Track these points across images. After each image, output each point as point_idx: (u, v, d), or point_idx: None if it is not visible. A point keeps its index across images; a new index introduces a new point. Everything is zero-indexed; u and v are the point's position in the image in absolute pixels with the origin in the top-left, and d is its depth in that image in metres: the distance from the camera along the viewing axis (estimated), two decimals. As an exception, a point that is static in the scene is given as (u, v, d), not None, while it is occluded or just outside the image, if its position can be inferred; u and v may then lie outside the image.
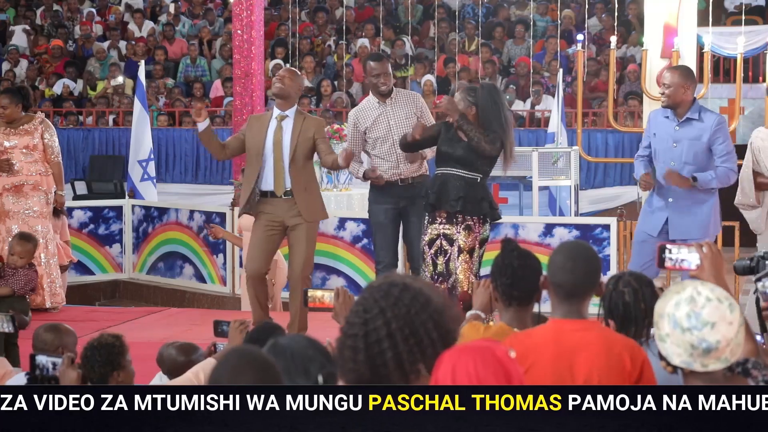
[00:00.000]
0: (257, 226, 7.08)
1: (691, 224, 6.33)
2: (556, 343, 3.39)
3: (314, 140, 6.96)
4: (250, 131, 7.10)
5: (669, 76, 6.33)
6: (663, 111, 6.48)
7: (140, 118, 10.76)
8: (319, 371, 2.80)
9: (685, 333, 2.77)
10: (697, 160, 6.34)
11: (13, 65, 16.48)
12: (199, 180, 14.37)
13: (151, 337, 7.43)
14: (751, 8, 15.06)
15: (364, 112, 7.30)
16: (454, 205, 6.39)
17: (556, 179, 10.54)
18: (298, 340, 2.89)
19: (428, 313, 2.74)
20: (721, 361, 2.78)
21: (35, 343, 4.67)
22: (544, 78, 14.52)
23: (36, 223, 8.42)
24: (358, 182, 11.56)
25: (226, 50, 15.52)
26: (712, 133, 6.32)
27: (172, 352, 4.62)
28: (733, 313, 2.78)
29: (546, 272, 3.54)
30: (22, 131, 8.42)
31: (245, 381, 2.64)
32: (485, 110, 6.42)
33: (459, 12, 15.55)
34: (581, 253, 3.52)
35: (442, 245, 6.44)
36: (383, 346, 2.71)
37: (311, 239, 7.06)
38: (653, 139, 6.48)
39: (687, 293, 2.81)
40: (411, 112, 7.19)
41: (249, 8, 10.62)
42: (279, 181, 6.97)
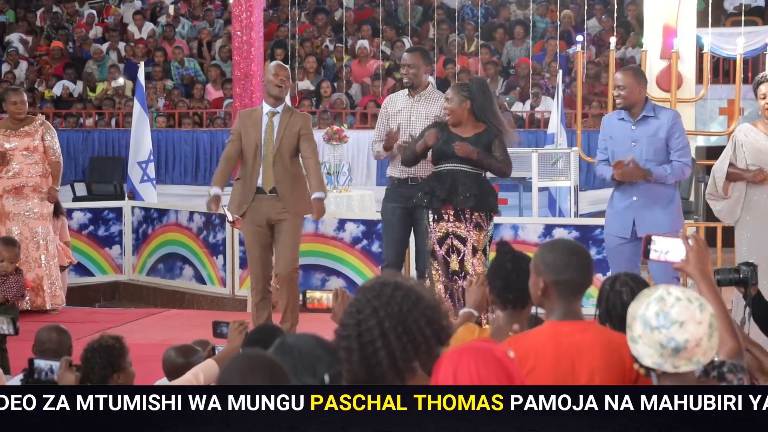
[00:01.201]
0: (248, 234, 7.17)
1: (659, 220, 6.36)
2: (555, 346, 3.36)
3: (299, 136, 7.00)
4: (244, 129, 7.12)
5: (622, 77, 6.41)
6: (617, 113, 6.57)
7: (140, 120, 10.75)
8: (326, 370, 2.80)
9: (654, 332, 2.78)
10: (658, 157, 6.40)
11: (12, 67, 16.48)
12: (198, 181, 14.36)
13: (150, 338, 7.44)
14: (751, 9, 15.06)
15: (394, 100, 7.33)
16: (465, 201, 6.46)
17: (555, 180, 10.54)
18: (306, 339, 2.89)
19: (420, 311, 2.76)
20: (693, 363, 2.79)
21: (36, 345, 4.66)
22: (543, 79, 14.52)
23: (36, 224, 8.42)
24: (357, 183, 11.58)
25: (225, 51, 15.53)
26: (669, 128, 6.40)
27: (171, 353, 4.62)
28: (702, 312, 2.78)
29: (545, 274, 3.42)
30: (23, 133, 8.43)
31: (255, 383, 2.65)
32: (479, 103, 6.60)
33: (458, 13, 15.56)
34: (578, 248, 3.50)
35: (453, 244, 6.48)
36: (377, 346, 2.73)
37: (297, 233, 7.14)
38: (610, 141, 6.55)
39: (657, 294, 2.82)
40: (432, 113, 7.13)
41: (248, 9, 10.62)
42: (267, 177, 7.02)
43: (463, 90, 6.65)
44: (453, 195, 6.49)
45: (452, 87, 6.82)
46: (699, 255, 3.21)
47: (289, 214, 7.03)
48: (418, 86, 7.16)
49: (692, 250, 3.22)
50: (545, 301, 3.44)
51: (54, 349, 4.59)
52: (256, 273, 7.16)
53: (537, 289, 3.43)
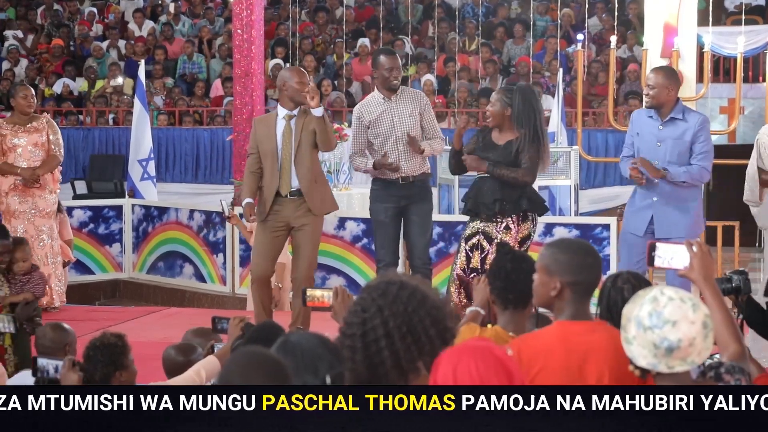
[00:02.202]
0: (262, 229, 7.02)
1: (677, 222, 6.36)
2: (565, 347, 3.34)
3: (314, 131, 6.95)
4: (259, 138, 7.00)
5: (653, 77, 6.39)
6: (646, 111, 6.56)
7: (140, 118, 10.75)
8: (327, 371, 2.80)
9: (647, 332, 2.79)
10: (681, 160, 6.39)
11: (13, 64, 16.49)
12: (199, 179, 14.37)
13: (151, 336, 7.43)
14: (751, 8, 15.06)
15: (369, 107, 7.26)
16: (491, 207, 6.45)
17: (556, 179, 10.54)
18: (308, 338, 2.89)
19: (426, 310, 2.75)
20: (687, 363, 2.79)
21: (38, 343, 4.67)
22: (544, 78, 14.52)
23: (42, 222, 8.42)
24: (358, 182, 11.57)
25: (225, 50, 15.52)
26: (695, 132, 6.38)
27: (171, 352, 4.62)
28: (695, 312, 2.78)
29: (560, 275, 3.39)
30: (31, 129, 8.42)
31: (255, 382, 2.65)
32: (517, 110, 6.45)
33: (459, 11, 15.55)
34: (590, 248, 3.52)
35: (480, 242, 6.48)
36: (381, 345, 2.72)
37: (316, 240, 7.05)
38: (636, 138, 6.54)
39: (651, 294, 2.82)
40: (415, 110, 7.15)
41: (249, 7, 10.61)
42: (285, 180, 6.95)
43: (506, 95, 6.53)
44: (479, 203, 6.50)
45: (498, 90, 6.79)
46: (703, 261, 3.21)
47: (311, 217, 6.95)
48: (397, 88, 7.17)
49: (696, 257, 3.22)
50: (556, 301, 3.43)
51: (55, 346, 4.59)
52: (257, 272, 7.05)
53: (550, 289, 3.41)
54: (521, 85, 6.70)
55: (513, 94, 6.53)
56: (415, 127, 7.13)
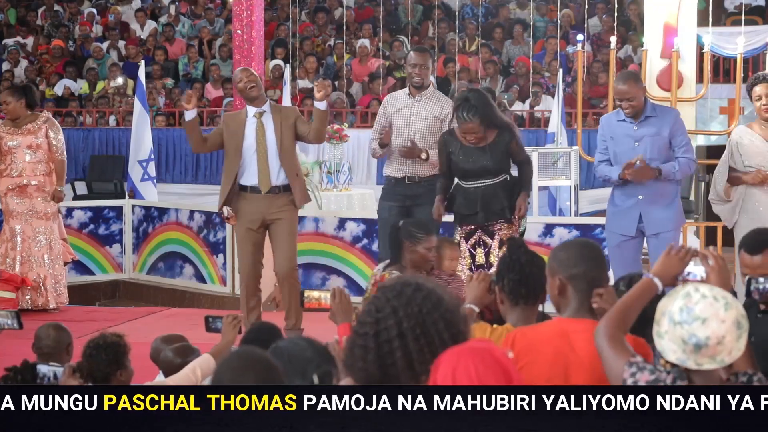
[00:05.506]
0: (240, 232, 7.28)
1: (664, 218, 6.45)
2: (555, 344, 3.36)
3: (295, 125, 7.12)
4: (227, 130, 7.25)
5: (627, 87, 6.39)
6: (616, 114, 6.61)
7: (140, 118, 10.76)
8: (314, 371, 2.80)
9: (676, 327, 2.79)
10: (662, 155, 6.46)
11: (13, 65, 16.48)
12: (199, 180, 14.36)
13: (150, 337, 7.39)
14: (751, 8, 15.06)
15: (394, 98, 7.33)
16: (501, 213, 6.54)
17: (556, 179, 10.54)
18: (297, 343, 2.90)
19: (440, 313, 2.74)
20: (717, 362, 2.78)
21: (40, 344, 4.65)
22: (544, 78, 14.52)
23: (39, 224, 8.41)
24: (357, 182, 11.58)
25: (225, 50, 15.52)
26: (672, 126, 6.46)
27: (169, 354, 4.62)
28: (727, 311, 2.77)
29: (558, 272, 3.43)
30: (26, 131, 8.42)
31: (248, 382, 2.65)
32: (485, 114, 6.46)
33: (458, 12, 15.55)
34: (588, 242, 3.59)
35: (481, 238, 6.51)
36: (393, 346, 2.70)
37: (294, 231, 7.28)
38: (611, 142, 6.57)
39: (685, 290, 2.83)
40: (435, 115, 7.11)
41: (249, 8, 10.61)
42: (264, 177, 7.11)
43: (473, 113, 6.42)
44: (490, 214, 6.53)
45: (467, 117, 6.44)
46: (719, 273, 3.23)
47: (287, 210, 7.14)
48: (426, 86, 7.17)
49: (713, 270, 3.24)
50: (562, 300, 3.45)
51: (52, 346, 4.59)
52: (246, 272, 7.30)
53: (554, 289, 3.44)
54: (468, 94, 6.58)
55: (475, 108, 6.43)
56: (430, 131, 7.10)
